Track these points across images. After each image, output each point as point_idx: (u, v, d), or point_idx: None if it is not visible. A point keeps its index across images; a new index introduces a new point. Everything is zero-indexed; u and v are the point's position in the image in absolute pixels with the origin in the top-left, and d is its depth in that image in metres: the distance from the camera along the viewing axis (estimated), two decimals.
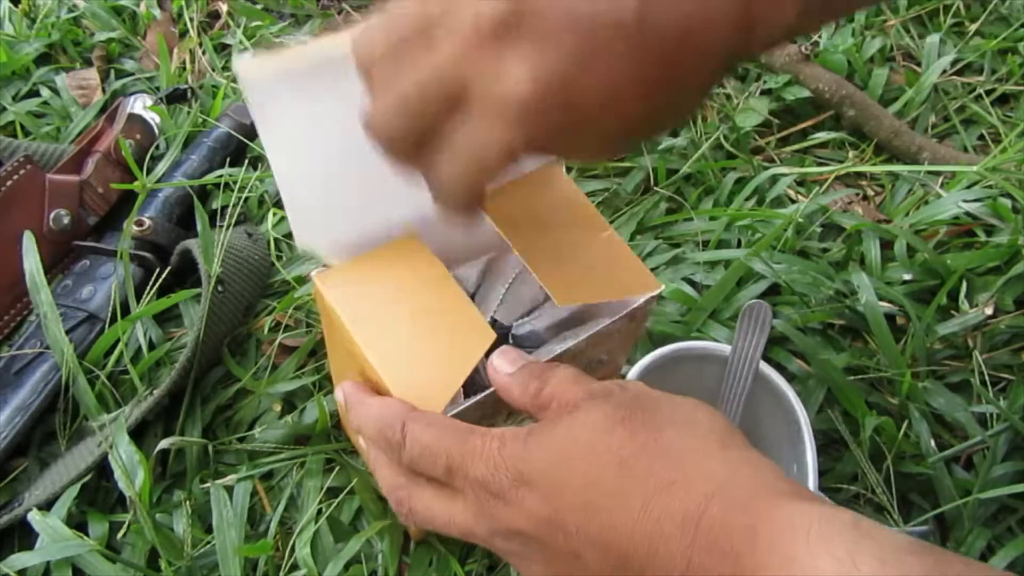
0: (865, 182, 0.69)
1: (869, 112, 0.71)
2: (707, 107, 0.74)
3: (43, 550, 0.45)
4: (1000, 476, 0.48)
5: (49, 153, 0.64)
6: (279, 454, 0.50)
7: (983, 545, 0.47)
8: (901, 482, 0.49)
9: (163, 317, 0.58)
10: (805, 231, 0.61)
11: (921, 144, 0.69)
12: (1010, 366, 0.54)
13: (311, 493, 0.48)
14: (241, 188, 0.64)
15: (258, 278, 0.58)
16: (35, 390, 0.52)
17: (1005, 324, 0.55)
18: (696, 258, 0.59)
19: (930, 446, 0.50)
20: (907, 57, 0.80)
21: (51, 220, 0.59)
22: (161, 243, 0.59)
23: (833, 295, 0.56)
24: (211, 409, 0.53)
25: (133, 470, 0.46)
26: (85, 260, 0.60)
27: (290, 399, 0.54)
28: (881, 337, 0.53)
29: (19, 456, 0.52)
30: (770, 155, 0.71)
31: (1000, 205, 0.61)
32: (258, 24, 0.82)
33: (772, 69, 0.75)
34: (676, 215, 0.63)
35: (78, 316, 0.56)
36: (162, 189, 0.63)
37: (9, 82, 0.74)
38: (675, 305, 0.57)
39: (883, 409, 0.52)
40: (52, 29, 0.79)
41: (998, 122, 0.72)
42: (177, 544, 0.46)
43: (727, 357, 0.47)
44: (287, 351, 0.56)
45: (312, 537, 0.46)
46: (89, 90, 0.75)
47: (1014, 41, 0.79)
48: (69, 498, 0.47)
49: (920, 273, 0.58)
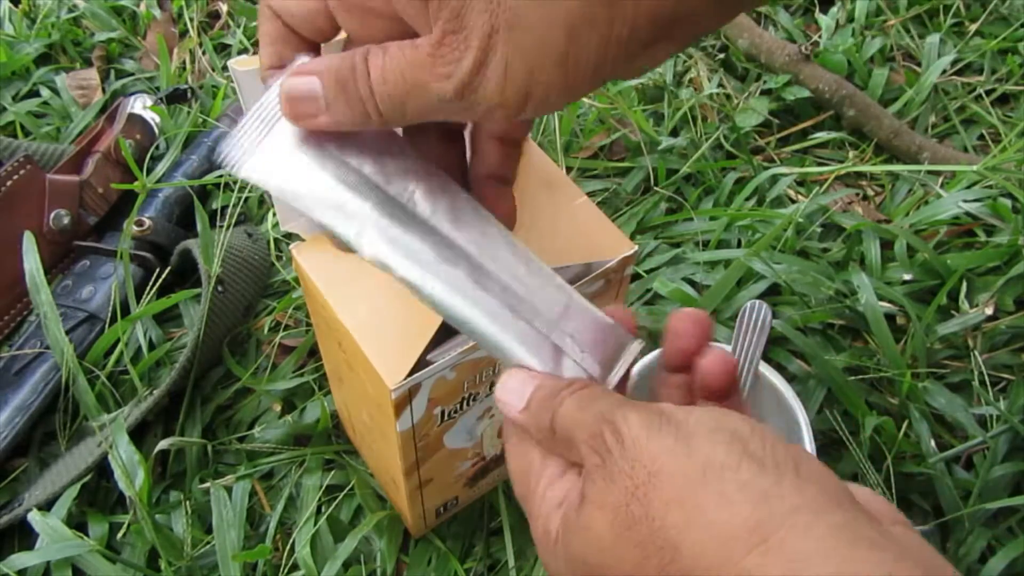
0: (865, 182, 0.69)
1: (869, 112, 0.71)
2: (707, 107, 0.74)
3: (43, 550, 0.45)
4: (1000, 476, 0.48)
5: (49, 153, 0.64)
6: (279, 454, 0.50)
7: (983, 545, 0.47)
8: (901, 482, 0.49)
9: (163, 317, 0.58)
10: (805, 231, 0.61)
11: (921, 144, 0.69)
12: (1010, 366, 0.54)
13: (310, 492, 0.48)
14: (241, 188, 0.64)
15: (258, 278, 0.58)
16: (35, 390, 0.52)
17: (1005, 324, 0.55)
18: (696, 258, 0.59)
19: (930, 446, 0.50)
20: (907, 57, 0.80)
21: (51, 220, 0.59)
22: (161, 243, 0.59)
23: (833, 295, 0.56)
24: (211, 409, 0.53)
25: (133, 470, 0.46)
26: (85, 260, 0.60)
27: (290, 398, 0.54)
28: (881, 337, 0.53)
29: (19, 456, 0.52)
30: (770, 155, 0.71)
31: (1000, 205, 0.61)
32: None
33: (772, 69, 0.75)
34: (676, 215, 0.63)
35: (78, 316, 0.56)
36: (162, 189, 0.63)
37: (9, 82, 0.74)
38: (675, 305, 0.56)
39: (883, 409, 0.52)
40: (52, 29, 0.79)
41: (998, 122, 0.72)
42: (177, 544, 0.46)
43: None
44: (287, 351, 0.56)
45: (311, 537, 0.46)
46: (89, 90, 0.75)
47: (1014, 41, 0.79)
48: (69, 498, 0.47)
49: (920, 273, 0.58)
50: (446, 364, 0.34)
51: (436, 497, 0.45)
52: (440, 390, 0.36)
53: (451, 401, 0.37)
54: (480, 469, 0.46)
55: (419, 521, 0.46)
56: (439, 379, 0.35)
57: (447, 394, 0.36)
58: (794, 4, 0.85)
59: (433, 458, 0.41)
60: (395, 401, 0.33)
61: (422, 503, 0.44)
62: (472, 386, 0.38)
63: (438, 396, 0.36)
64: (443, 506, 0.46)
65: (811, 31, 0.82)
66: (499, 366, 0.38)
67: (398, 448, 0.37)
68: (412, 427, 0.36)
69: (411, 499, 0.43)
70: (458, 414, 0.39)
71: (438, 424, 0.38)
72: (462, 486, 0.46)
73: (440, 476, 0.43)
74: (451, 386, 0.36)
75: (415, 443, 0.38)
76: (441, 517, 0.48)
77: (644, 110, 0.73)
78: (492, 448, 0.45)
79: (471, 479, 0.46)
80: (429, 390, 0.35)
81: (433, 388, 0.35)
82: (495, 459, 0.46)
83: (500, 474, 0.48)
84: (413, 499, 0.43)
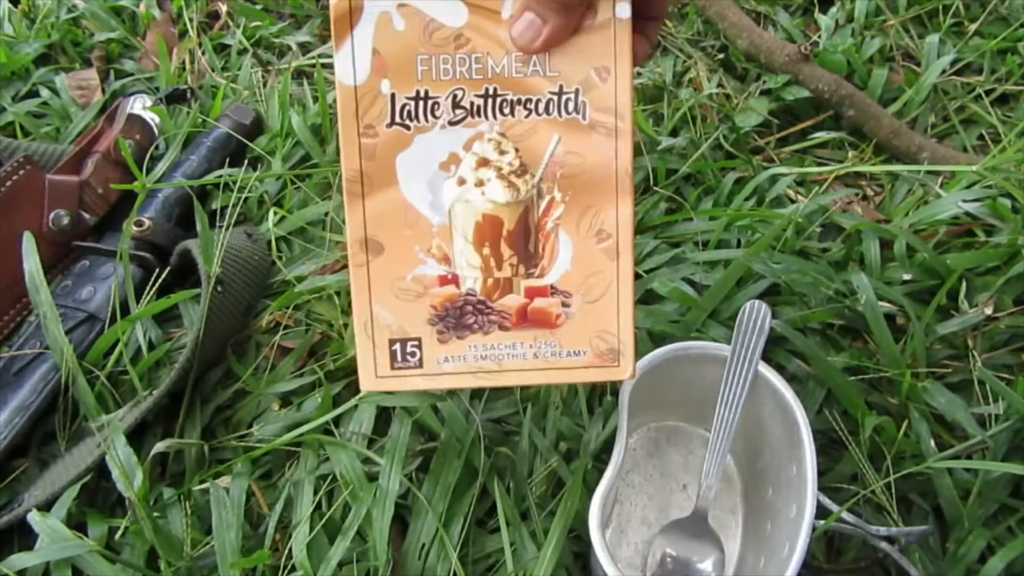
0: (865, 182, 0.69)
1: (869, 112, 0.71)
2: (707, 107, 0.74)
3: (43, 550, 0.45)
4: (1000, 476, 0.48)
5: (49, 153, 0.64)
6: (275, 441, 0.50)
7: (983, 545, 0.47)
8: (901, 482, 0.49)
9: (163, 317, 0.58)
10: (805, 231, 0.61)
11: (921, 144, 0.69)
12: (1010, 366, 0.54)
13: (306, 486, 0.48)
14: (241, 188, 0.64)
15: (258, 278, 0.58)
16: (35, 390, 0.52)
17: (1005, 324, 0.55)
18: (696, 258, 0.59)
19: (930, 446, 0.50)
20: (907, 57, 0.80)
21: (51, 220, 0.59)
22: (161, 243, 0.59)
23: (833, 295, 0.56)
24: (210, 409, 0.53)
25: (131, 471, 0.46)
26: (85, 260, 0.60)
27: (289, 399, 0.54)
28: (881, 337, 0.53)
29: (19, 456, 0.52)
30: (770, 155, 0.71)
31: (1000, 205, 0.61)
32: (258, 24, 0.82)
33: (772, 69, 0.75)
34: (676, 215, 0.63)
35: (78, 316, 0.56)
36: (162, 189, 0.63)
37: (9, 82, 0.74)
38: (675, 305, 0.57)
39: (883, 409, 0.52)
40: (52, 29, 0.79)
41: (998, 122, 0.72)
42: (176, 545, 0.46)
43: (726, 357, 0.47)
44: (286, 352, 0.56)
45: (308, 536, 0.46)
46: (89, 90, 0.75)
47: (1014, 41, 0.79)
48: (69, 499, 0.47)
49: (920, 273, 0.58)
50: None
51: (390, 303, 0.39)
52: (387, 41, 0.36)
53: (403, 83, 0.36)
54: (454, 306, 0.40)
55: (369, 358, 0.39)
56: (383, 17, 0.35)
57: (398, 62, 0.36)
58: (794, 4, 0.85)
59: (385, 198, 0.38)
60: (335, 12, 0.34)
61: (372, 299, 0.39)
62: (430, 80, 0.37)
63: (385, 53, 0.36)
64: (400, 344, 0.40)
65: (811, 31, 0.82)
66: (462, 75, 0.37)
67: (342, 123, 0.36)
68: (354, 88, 0.36)
69: (357, 279, 0.38)
70: (412, 123, 0.37)
71: (388, 119, 0.37)
72: (427, 320, 0.40)
73: (394, 252, 0.38)
74: (401, 48, 0.36)
75: (359, 128, 0.37)
76: (400, 370, 0.40)
77: (644, 110, 0.73)
78: (468, 271, 0.39)
79: (441, 317, 0.40)
80: (374, 27, 0.35)
81: (378, 28, 0.35)
82: (477, 306, 0.40)
83: (491, 354, 0.41)
84: (358, 282, 0.38)
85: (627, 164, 0.38)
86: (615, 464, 0.43)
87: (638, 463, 0.52)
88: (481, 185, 0.38)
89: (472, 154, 0.38)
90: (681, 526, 0.47)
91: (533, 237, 0.39)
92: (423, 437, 0.51)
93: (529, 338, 0.41)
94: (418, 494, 0.47)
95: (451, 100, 0.37)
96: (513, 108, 0.37)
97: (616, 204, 0.39)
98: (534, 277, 0.40)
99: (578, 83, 0.37)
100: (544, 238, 0.39)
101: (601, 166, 0.38)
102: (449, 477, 0.48)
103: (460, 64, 0.37)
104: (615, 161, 0.38)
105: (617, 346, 0.41)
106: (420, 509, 0.47)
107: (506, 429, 0.52)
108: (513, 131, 0.38)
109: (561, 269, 0.40)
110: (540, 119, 0.38)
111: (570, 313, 0.40)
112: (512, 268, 0.40)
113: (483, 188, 0.38)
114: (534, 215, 0.39)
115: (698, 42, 0.82)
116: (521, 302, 0.40)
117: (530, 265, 0.40)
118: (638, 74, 0.78)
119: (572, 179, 0.38)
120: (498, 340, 0.41)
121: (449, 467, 0.48)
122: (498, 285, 0.40)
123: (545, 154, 0.38)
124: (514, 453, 0.50)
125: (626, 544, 0.49)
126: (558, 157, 0.38)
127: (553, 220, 0.39)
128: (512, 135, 0.38)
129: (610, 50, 0.37)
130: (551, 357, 0.41)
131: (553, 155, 0.38)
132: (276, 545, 0.47)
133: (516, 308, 0.40)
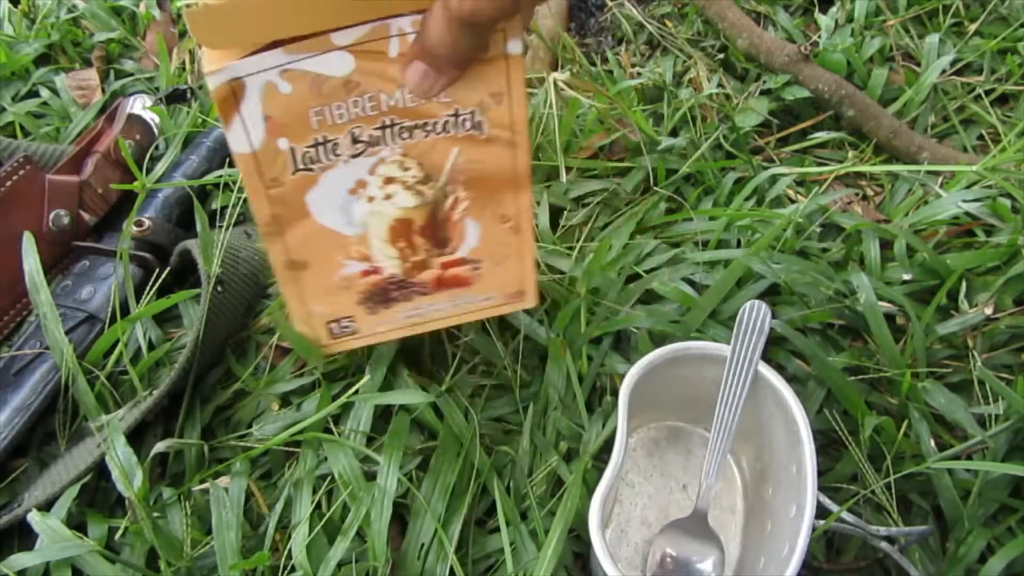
0: (865, 182, 0.69)
1: (869, 112, 0.71)
2: (707, 107, 0.74)
3: (43, 550, 0.45)
4: (1000, 476, 0.48)
5: (49, 153, 0.64)
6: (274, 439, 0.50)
7: (983, 545, 0.47)
8: (901, 482, 0.49)
9: (163, 317, 0.58)
10: (805, 231, 0.61)
11: (920, 144, 0.69)
12: (1010, 366, 0.54)
13: (305, 486, 0.48)
14: (240, 188, 0.64)
15: (258, 278, 0.58)
16: (35, 390, 0.52)
17: (1005, 324, 0.55)
18: (696, 258, 0.59)
19: (930, 446, 0.50)
20: (907, 57, 0.80)
21: (51, 220, 0.59)
22: (161, 243, 0.59)
23: (833, 295, 0.56)
24: (210, 409, 0.53)
25: (131, 471, 0.46)
26: (85, 260, 0.60)
27: (288, 399, 0.54)
28: (881, 337, 0.53)
29: (19, 456, 0.52)
30: (769, 155, 0.71)
31: (999, 205, 0.61)
32: None
33: (772, 69, 0.75)
34: (676, 215, 0.63)
35: (78, 316, 0.56)
36: (161, 189, 0.63)
37: (9, 82, 0.75)
38: (675, 305, 0.57)
39: (883, 409, 0.52)
40: (52, 29, 0.79)
41: (997, 122, 0.72)
42: (176, 545, 0.46)
43: (726, 357, 0.47)
44: (285, 352, 0.56)
45: (308, 536, 0.46)
46: (89, 90, 0.75)
47: (1013, 41, 0.79)
48: (69, 499, 0.47)
49: (920, 273, 0.58)
50: (271, 64, 0.33)
51: (322, 300, 0.43)
52: (277, 106, 0.35)
53: (301, 136, 0.36)
54: (378, 288, 0.44)
55: (312, 333, 0.43)
56: (268, 86, 0.34)
57: (291, 120, 0.36)
58: (794, 4, 0.85)
59: (301, 228, 0.39)
60: (217, 96, 0.33)
61: (306, 301, 0.42)
62: (327, 127, 0.37)
63: (277, 116, 0.35)
64: (336, 323, 0.44)
65: (810, 31, 0.82)
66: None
67: (247, 183, 0.36)
68: (254, 154, 0.36)
69: (289, 288, 0.41)
70: (316, 165, 0.38)
71: (292, 168, 0.37)
72: (356, 302, 0.44)
73: (318, 265, 0.41)
74: (292, 108, 0.35)
75: (264, 183, 0.37)
76: (339, 339, 0.45)
77: (644, 110, 0.73)
78: (387, 261, 0.43)
79: (368, 298, 0.44)
80: (260, 98, 0.35)
81: (265, 98, 0.35)
82: (399, 284, 0.44)
83: (416, 313, 0.47)
84: (291, 290, 0.41)
85: (524, 166, 0.42)
86: (615, 464, 0.43)
87: (638, 463, 0.52)
88: (390, 198, 0.41)
89: (377, 176, 0.40)
90: (681, 526, 0.47)
91: (443, 227, 0.43)
92: (423, 436, 0.51)
93: (447, 297, 0.47)
94: (417, 494, 0.47)
95: (350, 138, 0.38)
96: (412, 132, 0.39)
97: (516, 195, 0.43)
98: (447, 255, 0.44)
99: (473, 106, 0.38)
100: (453, 227, 0.43)
101: (502, 169, 0.41)
102: (448, 476, 0.48)
103: (354, 106, 0.37)
104: (513, 164, 0.41)
105: (522, 287, 0.47)
106: (419, 509, 0.47)
107: (506, 428, 0.52)
108: (415, 150, 0.39)
109: (470, 245, 0.44)
110: (439, 137, 0.39)
111: (480, 274, 0.46)
112: (427, 252, 0.44)
113: (392, 200, 0.41)
114: (442, 211, 0.42)
115: (698, 42, 0.82)
116: (436, 273, 0.45)
117: (443, 248, 0.44)
118: (638, 74, 0.78)
119: (475, 180, 0.41)
120: (420, 303, 0.46)
121: (448, 466, 0.48)
122: (415, 266, 0.44)
123: (447, 164, 0.40)
124: (514, 452, 0.50)
125: (626, 544, 0.49)
126: (460, 165, 0.41)
127: (460, 212, 0.43)
128: (414, 153, 0.40)
129: (503, 79, 0.38)
130: (466, 304, 0.47)
131: (455, 164, 0.40)
132: (276, 545, 0.47)
133: (432, 278, 0.45)
